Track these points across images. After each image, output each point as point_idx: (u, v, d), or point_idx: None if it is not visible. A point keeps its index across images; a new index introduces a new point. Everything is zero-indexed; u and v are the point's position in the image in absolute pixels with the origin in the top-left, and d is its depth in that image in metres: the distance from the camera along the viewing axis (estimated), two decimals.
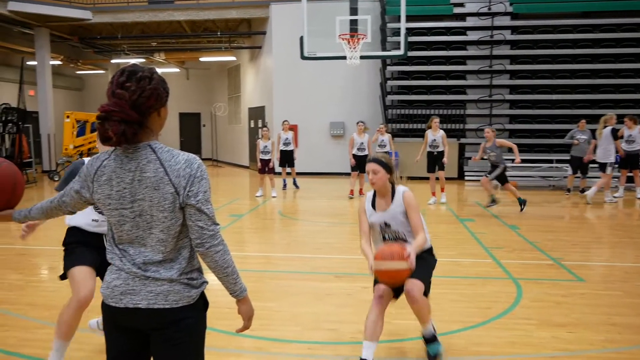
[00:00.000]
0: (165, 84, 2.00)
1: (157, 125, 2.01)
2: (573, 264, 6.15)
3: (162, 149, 1.94)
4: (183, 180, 1.89)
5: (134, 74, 1.89)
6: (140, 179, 1.88)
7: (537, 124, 15.39)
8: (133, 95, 1.86)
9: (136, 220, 1.91)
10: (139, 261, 1.93)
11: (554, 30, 15.78)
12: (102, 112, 1.85)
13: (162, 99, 1.97)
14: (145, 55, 20.99)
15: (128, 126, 1.84)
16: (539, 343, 3.91)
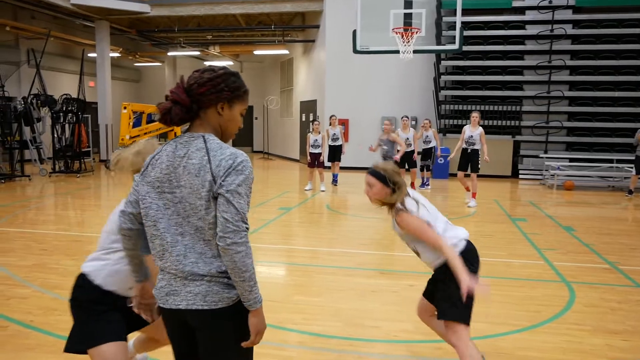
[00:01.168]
0: (231, 82, 1.99)
1: (216, 121, 2.00)
2: (631, 268, 5.89)
3: (214, 141, 1.96)
4: (222, 170, 1.88)
5: (204, 69, 1.98)
6: (185, 165, 1.92)
7: (597, 122, 14.79)
8: (190, 80, 1.95)
9: (177, 206, 1.93)
10: (180, 251, 1.93)
11: (619, 25, 15.07)
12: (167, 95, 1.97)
13: (221, 94, 1.96)
14: (201, 48, 21.44)
15: (177, 107, 1.93)
16: (591, 350, 3.77)
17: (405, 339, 3.92)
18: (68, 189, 11.88)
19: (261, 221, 8.27)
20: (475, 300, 2.82)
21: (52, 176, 13.90)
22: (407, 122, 11.59)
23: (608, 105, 14.79)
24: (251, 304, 1.90)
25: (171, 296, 1.96)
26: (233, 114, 2.02)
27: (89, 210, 9.31)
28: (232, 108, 2.01)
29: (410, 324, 4.19)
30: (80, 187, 12.09)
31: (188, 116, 1.97)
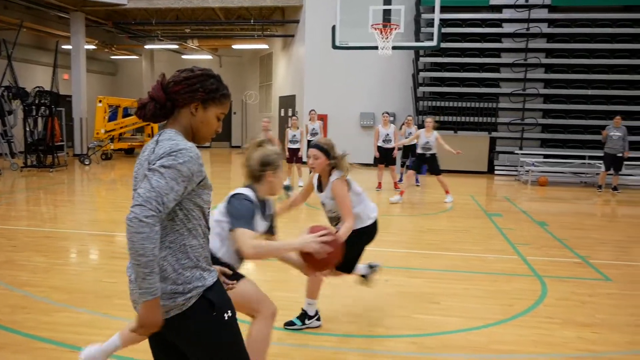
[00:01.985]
0: (209, 84, 1.96)
1: (187, 122, 1.96)
2: (601, 262, 6.03)
3: (169, 134, 1.91)
4: (158, 156, 1.83)
5: (185, 69, 2.00)
6: (140, 157, 1.95)
7: (571, 119, 15.06)
8: (169, 79, 1.97)
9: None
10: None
11: (592, 24, 15.36)
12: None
13: (195, 94, 1.94)
14: (179, 41, 21.23)
15: (152, 103, 1.94)
16: (562, 343, 3.85)
17: (381, 334, 3.96)
18: (40, 184, 11.67)
19: None
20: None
21: (24, 171, 13.64)
22: (387, 118, 11.61)
23: (581, 103, 15.07)
24: (142, 293, 1.75)
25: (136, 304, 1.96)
26: (207, 116, 1.98)
27: (61, 206, 9.17)
28: (206, 110, 1.97)
29: (386, 319, 4.23)
30: (53, 182, 11.89)
31: (162, 113, 1.96)
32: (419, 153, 10.38)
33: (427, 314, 4.34)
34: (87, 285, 4.85)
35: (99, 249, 6.45)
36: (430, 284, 5.17)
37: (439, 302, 4.64)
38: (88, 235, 7.10)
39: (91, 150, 16.46)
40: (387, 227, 8.16)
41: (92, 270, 5.48)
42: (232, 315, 2.01)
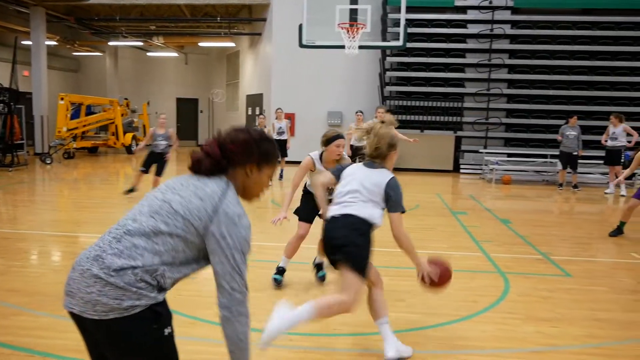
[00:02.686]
0: (264, 147, 2.05)
1: (241, 181, 2.06)
2: (561, 258, 6.19)
3: (233, 196, 1.99)
4: (228, 232, 1.93)
5: (242, 128, 2.07)
6: (196, 184, 1.99)
7: (533, 118, 15.42)
8: (226, 137, 2.03)
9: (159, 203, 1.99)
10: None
11: (553, 26, 15.75)
12: (201, 146, 2.07)
13: (251, 156, 2.03)
14: (144, 38, 20.88)
15: (208, 159, 2.00)
16: (523, 338, 3.94)
17: (346, 332, 3.98)
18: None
19: None
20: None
21: None
22: (362, 117, 11.61)
23: (543, 103, 15.44)
24: None
25: None
26: (261, 177, 2.09)
27: (21, 206, 8.90)
28: (260, 171, 2.08)
29: (351, 317, 4.23)
30: (13, 182, 11.54)
31: (217, 169, 2.01)
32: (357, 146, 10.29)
33: (392, 312, 4.36)
34: (48, 288, 4.72)
35: (60, 250, 6.29)
36: (396, 281, 5.21)
37: (404, 299, 4.69)
38: (49, 236, 6.92)
39: (53, 149, 16.04)
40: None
41: (52, 272, 5.35)
42: (171, 333, 1.98)
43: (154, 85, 24.11)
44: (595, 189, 12.72)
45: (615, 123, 11.58)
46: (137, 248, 1.86)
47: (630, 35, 15.37)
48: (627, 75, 15.23)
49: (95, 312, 1.82)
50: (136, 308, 1.83)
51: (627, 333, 4.06)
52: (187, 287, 4.58)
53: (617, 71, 15.31)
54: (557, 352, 3.72)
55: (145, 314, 1.85)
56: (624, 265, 6.05)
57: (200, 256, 1.97)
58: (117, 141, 19.08)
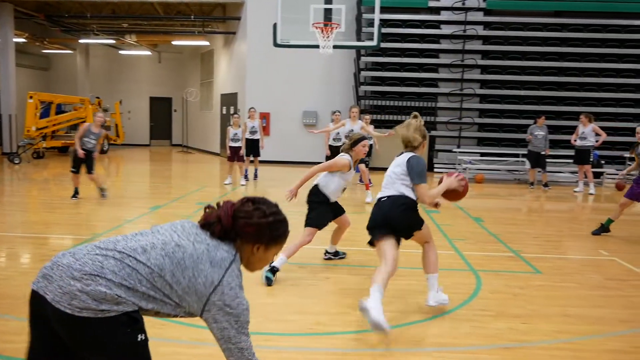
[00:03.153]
0: (275, 229, 2.08)
1: (247, 256, 2.09)
2: (532, 256, 6.31)
3: (237, 274, 2.01)
4: (227, 307, 1.96)
5: (260, 203, 2.10)
6: (209, 248, 2.01)
7: (505, 118, 15.66)
8: (240, 212, 2.04)
9: (170, 244, 2.01)
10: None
11: (525, 28, 16.01)
12: (217, 204, 2.11)
13: (261, 238, 2.05)
14: (116, 36, 20.56)
15: (219, 225, 2.02)
16: (495, 334, 4.00)
17: (321, 331, 3.98)
18: None
19: (178, 217, 8.06)
20: None
21: None
22: (339, 117, 11.58)
23: (514, 103, 15.70)
24: None
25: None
26: (266, 256, 2.12)
27: None
28: (267, 251, 2.10)
29: (327, 317, 4.26)
30: None
31: (225, 236, 2.03)
32: (343, 142, 10.27)
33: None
34: (17, 291, 4.62)
35: (29, 252, 6.16)
36: (370, 280, 5.23)
37: None
38: (17, 238, 6.77)
39: (21, 149, 15.69)
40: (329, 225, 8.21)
41: (21, 274, 5.22)
42: (145, 340, 1.97)
43: (127, 84, 23.78)
44: (565, 188, 12.99)
45: (585, 123, 11.83)
46: (137, 274, 1.88)
47: (598, 38, 15.73)
48: (595, 77, 15.58)
49: (69, 306, 1.80)
50: (111, 312, 1.83)
51: (596, 328, 4.16)
52: None
53: (586, 72, 15.65)
54: (528, 348, 3.79)
55: (121, 318, 1.85)
56: (592, 262, 6.19)
57: (178, 307, 1.98)
58: None
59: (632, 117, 15.30)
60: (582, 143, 11.86)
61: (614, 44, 15.69)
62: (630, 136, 15.14)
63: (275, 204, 2.14)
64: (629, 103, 15.47)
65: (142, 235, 2.02)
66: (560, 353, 3.72)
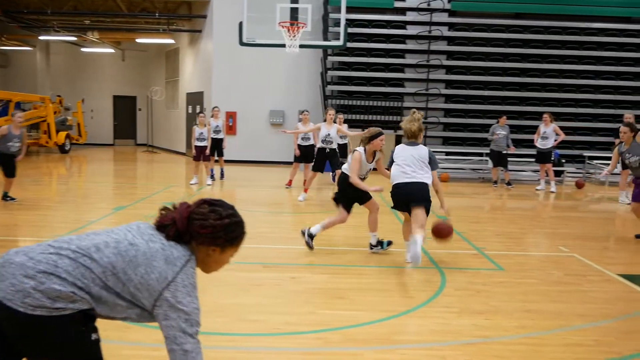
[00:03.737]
0: (231, 231, 2.05)
1: (202, 257, 2.07)
2: (495, 253, 6.42)
3: (192, 272, 2.01)
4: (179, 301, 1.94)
5: (217, 205, 2.06)
6: (164, 248, 2.00)
7: (470, 118, 15.91)
8: (196, 214, 2.02)
9: (123, 242, 2.00)
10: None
11: (488, 29, 16.30)
12: (172, 206, 2.09)
13: (217, 240, 2.03)
14: (78, 33, 20.07)
15: (173, 228, 2.00)
16: (458, 330, 4.06)
17: (287, 331, 3.97)
18: None
19: (142, 217, 7.94)
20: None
21: None
22: (308, 117, 11.50)
23: (478, 103, 15.97)
24: None
25: None
26: (222, 258, 2.10)
27: None
28: (223, 252, 2.08)
29: (292, 316, 4.25)
30: None
31: (179, 239, 2.01)
32: (319, 148, 10.16)
33: (332, 309, 4.42)
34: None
35: None
36: (336, 279, 5.26)
37: (343, 296, 4.73)
38: None
39: None
40: (293, 225, 8.20)
41: None
42: (98, 340, 1.97)
43: (89, 82, 23.24)
44: (527, 186, 13.28)
45: (547, 122, 12.12)
46: (91, 274, 1.87)
47: (558, 40, 16.14)
48: (556, 78, 15.97)
49: (22, 305, 1.77)
50: (67, 310, 1.81)
51: (555, 322, 4.26)
52: None
53: (547, 73, 16.03)
54: (489, 344, 3.86)
55: (75, 316, 1.84)
56: (553, 259, 6.35)
57: (130, 307, 1.96)
58: (50, 140, 18.29)
59: (590, 117, 15.74)
60: (543, 143, 12.14)
61: (573, 45, 16.13)
62: (589, 135, 15.62)
63: (231, 206, 2.11)
64: (588, 104, 15.92)
65: (96, 235, 2.01)
66: (521, 348, 3.80)
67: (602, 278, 5.56)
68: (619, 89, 15.91)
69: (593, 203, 11.54)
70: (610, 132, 15.58)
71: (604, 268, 5.88)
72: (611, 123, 15.57)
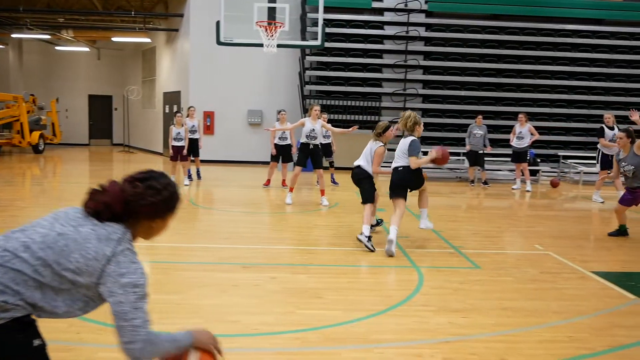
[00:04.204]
0: (172, 202, 2.07)
1: (143, 230, 2.06)
2: (472, 251, 6.49)
3: (130, 250, 1.96)
4: (122, 282, 1.90)
5: (150, 179, 2.03)
6: (94, 228, 1.95)
7: (447, 118, 16.05)
8: (132, 197, 1.97)
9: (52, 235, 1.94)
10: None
11: (464, 30, 16.46)
12: (100, 187, 2.01)
13: (160, 214, 2.04)
14: (52, 31, 19.71)
15: (107, 211, 1.96)
16: (436, 329, 4.09)
17: (265, 331, 3.95)
18: None
19: None
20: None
21: None
22: (285, 116, 11.46)
23: (455, 103, 16.13)
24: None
25: None
26: (164, 224, 2.11)
27: None
28: (165, 220, 2.09)
29: (271, 316, 4.23)
30: None
31: (113, 219, 1.97)
32: (303, 143, 9.76)
33: (310, 309, 4.41)
34: None
35: None
36: (314, 279, 5.25)
37: (322, 296, 4.73)
38: None
39: None
40: (273, 224, 8.19)
41: None
42: (42, 345, 1.92)
43: (64, 81, 22.83)
44: (503, 185, 13.45)
45: (523, 122, 12.30)
46: (22, 275, 1.82)
47: (533, 41, 16.38)
48: (531, 78, 16.21)
49: None
50: (5, 319, 1.78)
51: (530, 320, 4.32)
52: None
53: (522, 74, 16.26)
54: (466, 341, 3.89)
55: (10, 325, 1.79)
56: (528, 257, 6.44)
57: (83, 296, 1.93)
58: (23, 140, 17.92)
59: (565, 117, 16.01)
60: (519, 142, 12.31)
61: (548, 47, 16.39)
62: (563, 135, 15.89)
63: (161, 173, 2.09)
64: (562, 104, 16.19)
65: (22, 232, 1.94)
66: (497, 345, 3.84)
67: (577, 275, 5.66)
68: (592, 90, 16.22)
69: (568, 202, 11.73)
70: (583, 131, 15.91)
71: (578, 265, 5.99)
72: (585, 123, 15.89)
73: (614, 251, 6.91)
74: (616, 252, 6.87)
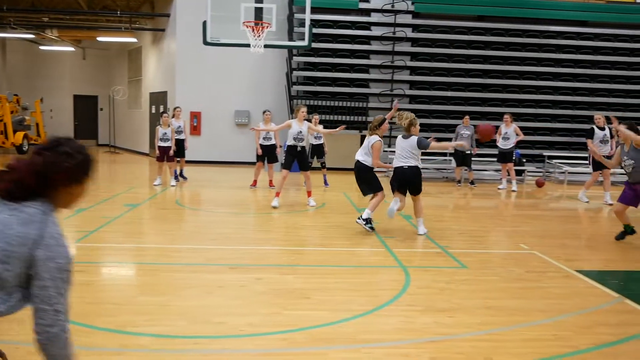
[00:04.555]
0: (87, 165, 2.01)
1: (62, 199, 1.99)
2: (458, 251, 6.53)
3: (53, 225, 1.90)
4: (50, 265, 1.86)
5: (60, 145, 1.95)
6: (19, 212, 1.88)
7: (434, 118, 16.12)
8: (43, 168, 1.90)
9: None
10: None
11: (451, 31, 16.56)
12: (7, 166, 1.93)
13: (76, 179, 1.98)
14: (36, 31, 19.49)
15: (19, 189, 1.88)
16: (422, 328, 4.11)
17: (251, 332, 3.94)
18: None
19: (104, 219, 7.78)
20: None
21: None
22: (270, 117, 11.44)
23: (442, 104, 16.21)
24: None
25: None
26: (82, 189, 2.04)
27: None
28: (81, 185, 2.03)
29: (257, 317, 4.22)
30: None
31: (31, 196, 1.89)
32: (290, 145, 9.54)
33: (297, 310, 4.40)
34: None
35: None
36: (301, 279, 5.25)
37: (309, 296, 4.73)
38: None
39: None
40: (260, 225, 8.17)
41: None
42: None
43: (48, 81, 22.58)
44: (489, 185, 13.54)
45: (508, 123, 12.41)
46: None
47: (519, 42, 16.53)
48: (517, 79, 16.35)
49: None
50: None
51: (515, 319, 4.36)
52: (84, 294, 4.34)
53: (508, 75, 16.39)
54: (452, 341, 3.91)
55: None
56: (513, 256, 6.48)
57: (17, 287, 1.87)
58: (7, 140, 17.71)
59: (550, 117, 16.17)
60: (505, 143, 12.42)
61: (533, 48, 16.54)
62: (548, 135, 16.05)
63: (72, 139, 2.04)
64: (547, 104, 16.35)
65: None
66: (482, 344, 3.87)
67: (561, 274, 5.71)
68: (576, 90, 16.39)
69: (553, 201, 11.84)
70: (568, 132, 16.08)
71: (563, 264, 6.05)
72: (569, 123, 16.06)
73: (598, 250, 7.00)
74: (600, 251, 6.95)
